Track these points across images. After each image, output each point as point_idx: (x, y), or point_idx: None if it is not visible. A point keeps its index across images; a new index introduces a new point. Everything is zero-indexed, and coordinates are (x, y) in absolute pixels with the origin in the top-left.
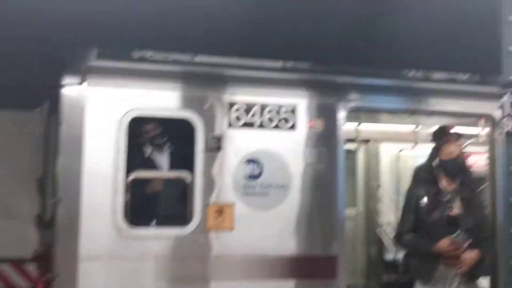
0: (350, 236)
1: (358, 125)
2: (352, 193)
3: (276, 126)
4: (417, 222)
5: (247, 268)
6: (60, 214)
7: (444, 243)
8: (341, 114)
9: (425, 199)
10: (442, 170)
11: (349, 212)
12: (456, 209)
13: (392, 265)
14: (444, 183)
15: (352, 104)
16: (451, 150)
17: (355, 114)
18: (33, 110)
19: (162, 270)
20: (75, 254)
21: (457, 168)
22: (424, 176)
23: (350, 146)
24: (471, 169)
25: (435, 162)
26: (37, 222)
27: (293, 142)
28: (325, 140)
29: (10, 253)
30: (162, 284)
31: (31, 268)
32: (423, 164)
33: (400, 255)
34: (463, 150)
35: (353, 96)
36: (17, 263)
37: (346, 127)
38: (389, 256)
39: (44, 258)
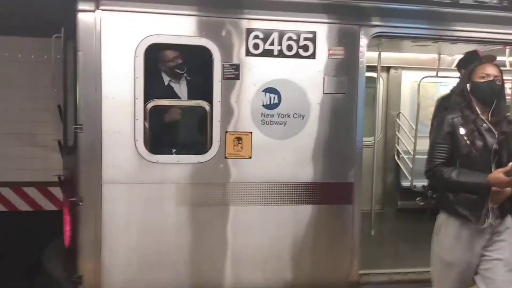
0: (368, 163)
1: (380, 52)
2: (372, 121)
3: (295, 54)
4: (452, 153)
5: (265, 194)
6: (81, 141)
7: (500, 175)
8: (363, 41)
9: (462, 127)
10: (475, 93)
11: (368, 140)
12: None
13: (408, 192)
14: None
15: (375, 31)
16: (486, 71)
17: (378, 41)
18: (50, 37)
19: (182, 195)
20: (98, 179)
21: (492, 91)
22: (458, 101)
23: (371, 73)
24: (506, 97)
25: (468, 85)
26: (60, 148)
27: (312, 70)
28: (345, 68)
29: (36, 178)
30: (182, 208)
31: (57, 192)
32: (454, 88)
33: (417, 183)
34: (499, 74)
35: (376, 21)
36: (43, 187)
37: (368, 54)
38: (405, 183)
39: (68, 182)
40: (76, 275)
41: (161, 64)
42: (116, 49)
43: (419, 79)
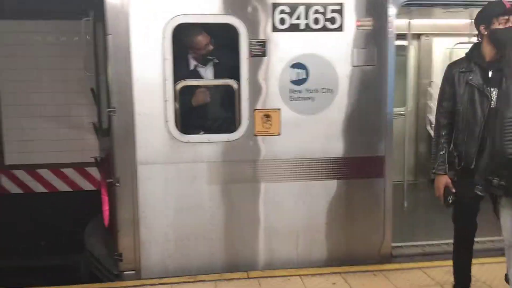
0: (399, 134)
1: (410, 20)
2: (403, 91)
3: (322, 28)
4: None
5: (295, 169)
6: (115, 123)
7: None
8: (392, 11)
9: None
10: (492, 39)
11: (399, 110)
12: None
13: None
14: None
15: None
16: (510, 19)
17: (407, 10)
18: (80, 19)
19: (214, 173)
20: (133, 160)
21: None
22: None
23: (401, 42)
24: None
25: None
26: (95, 130)
27: (340, 43)
28: (374, 39)
29: (73, 159)
30: (214, 186)
31: (94, 172)
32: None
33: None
34: None
35: None
36: (81, 168)
37: (397, 22)
38: None
39: (104, 163)
40: (117, 253)
41: (191, 50)
42: (144, 31)
43: (451, 46)
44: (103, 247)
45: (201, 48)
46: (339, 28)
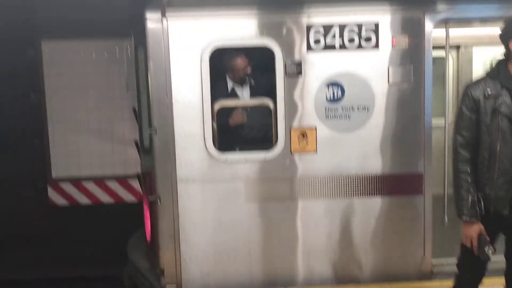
0: (439, 146)
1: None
2: (442, 102)
3: (358, 46)
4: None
5: (332, 187)
6: (156, 143)
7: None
8: (428, 28)
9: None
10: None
11: (438, 122)
12: None
13: None
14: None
15: (441, 16)
16: None
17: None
18: (122, 38)
19: (251, 191)
20: (173, 178)
21: None
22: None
23: (439, 53)
24: None
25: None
26: (137, 148)
27: (376, 61)
28: (410, 57)
29: (116, 172)
30: (251, 204)
31: (136, 184)
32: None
33: None
34: None
35: (441, 7)
36: (123, 180)
37: (435, 33)
38: None
39: (146, 180)
40: (159, 267)
41: (230, 72)
42: (184, 55)
43: (492, 56)
44: (146, 260)
45: (239, 70)
46: (375, 46)
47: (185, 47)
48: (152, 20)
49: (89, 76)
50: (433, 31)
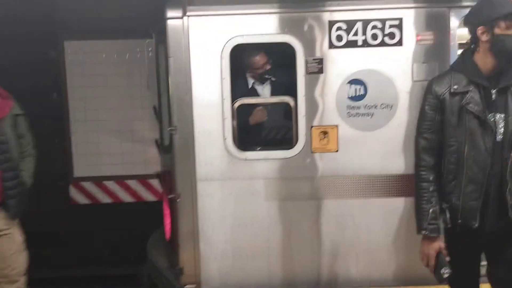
0: None
1: None
2: None
3: (381, 43)
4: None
5: (354, 187)
6: (176, 141)
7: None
8: (454, 24)
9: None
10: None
11: None
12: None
13: None
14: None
15: (468, 10)
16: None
17: None
18: (143, 38)
19: (271, 190)
20: (193, 176)
21: None
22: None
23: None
24: None
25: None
26: (158, 146)
27: (400, 58)
28: (435, 53)
29: (136, 171)
30: (271, 203)
31: (155, 185)
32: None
33: None
34: None
35: (467, 2)
36: (143, 180)
37: (460, 31)
38: None
39: (166, 178)
40: (178, 266)
41: (249, 70)
42: (204, 53)
43: None
44: (165, 259)
45: (259, 68)
46: (398, 43)
47: (206, 45)
48: (173, 19)
49: (111, 76)
50: (458, 27)
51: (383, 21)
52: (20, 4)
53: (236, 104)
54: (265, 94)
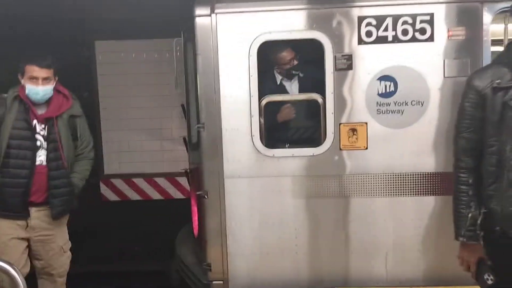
0: None
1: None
2: None
3: (411, 39)
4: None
5: (383, 185)
6: (204, 138)
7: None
8: (487, 19)
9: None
10: None
11: None
12: None
13: None
14: None
15: (500, 6)
16: None
17: (504, 16)
18: (171, 37)
19: (298, 188)
20: (220, 174)
21: None
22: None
23: (498, 48)
24: None
25: None
26: (186, 144)
27: (431, 54)
28: (467, 49)
29: (165, 169)
30: (298, 200)
31: (184, 182)
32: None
33: None
34: None
35: None
36: (172, 177)
37: (493, 28)
38: None
39: (194, 175)
40: (206, 262)
41: (277, 66)
42: (232, 50)
43: None
44: (193, 255)
45: (286, 63)
46: (430, 39)
47: (233, 42)
48: (201, 16)
49: (140, 75)
50: (491, 23)
51: (414, 16)
52: (53, 5)
53: (264, 101)
54: (293, 90)
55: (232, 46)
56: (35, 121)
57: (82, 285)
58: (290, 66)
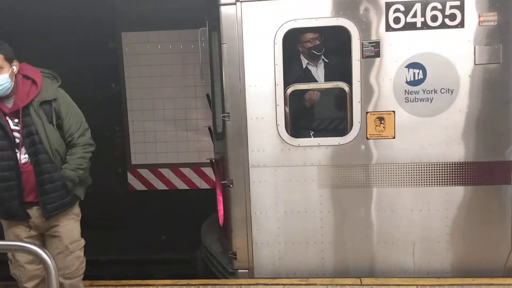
0: None
1: None
2: None
3: (441, 25)
4: None
5: (411, 175)
6: (229, 128)
7: None
8: None
9: None
10: None
11: None
12: None
13: None
14: None
15: None
16: None
17: None
18: (196, 28)
19: (324, 177)
20: (245, 163)
21: None
22: None
23: None
24: None
25: None
26: (211, 133)
27: (461, 41)
28: (499, 35)
29: (190, 159)
30: (324, 190)
31: (209, 172)
32: None
33: None
34: None
35: None
36: (197, 168)
37: None
38: None
39: (219, 165)
40: (231, 251)
41: (300, 45)
42: (257, 38)
43: None
44: (218, 244)
45: (307, 41)
46: (460, 25)
47: (258, 31)
48: (226, 5)
49: (165, 66)
50: None
51: (443, 2)
52: None
53: (289, 90)
54: (319, 76)
55: (257, 34)
56: (6, 118)
57: (109, 272)
58: (313, 44)
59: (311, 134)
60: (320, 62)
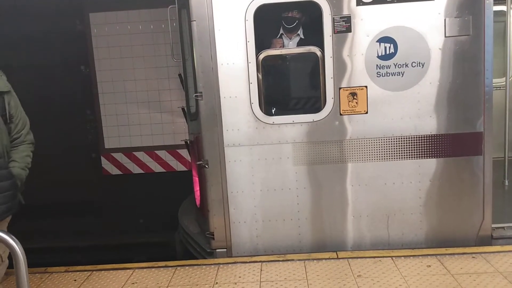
0: (500, 107)
1: None
2: (502, 60)
3: None
4: None
5: (385, 149)
6: (202, 107)
7: None
8: None
9: None
10: None
11: (499, 81)
12: None
13: None
14: None
15: None
16: None
17: None
18: (166, 7)
19: (299, 154)
20: (220, 142)
21: None
22: None
23: (500, 7)
24: None
25: None
26: (184, 114)
27: (431, 13)
28: (469, 7)
29: (165, 142)
30: (299, 167)
31: (185, 155)
32: None
33: None
34: None
35: None
36: (173, 150)
37: None
38: None
39: (194, 146)
40: (209, 231)
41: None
42: (227, 15)
43: None
44: (196, 225)
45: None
46: None
47: (229, 7)
48: None
49: (136, 46)
50: None
51: None
52: None
53: (261, 56)
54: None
55: (227, 11)
56: None
57: (86, 258)
58: (285, 16)
59: (280, 111)
60: (295, 36)
